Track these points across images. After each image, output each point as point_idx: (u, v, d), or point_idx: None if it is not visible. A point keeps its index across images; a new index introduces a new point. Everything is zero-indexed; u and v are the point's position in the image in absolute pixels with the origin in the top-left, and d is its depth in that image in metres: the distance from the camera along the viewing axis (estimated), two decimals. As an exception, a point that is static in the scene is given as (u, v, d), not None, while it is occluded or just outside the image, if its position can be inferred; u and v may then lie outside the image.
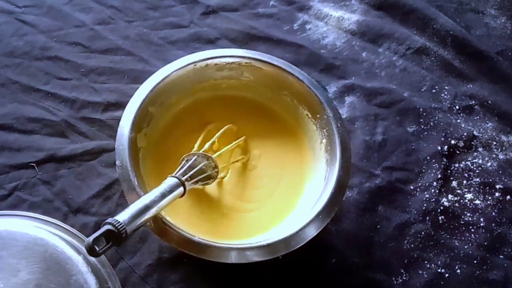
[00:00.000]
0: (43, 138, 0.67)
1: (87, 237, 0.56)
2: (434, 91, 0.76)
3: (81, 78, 0.72)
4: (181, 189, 0.52)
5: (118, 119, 0.58)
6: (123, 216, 0.45)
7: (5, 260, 0.52)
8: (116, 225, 0.43)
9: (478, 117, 0.74)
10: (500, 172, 0.70)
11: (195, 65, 0.62)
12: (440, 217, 0.66)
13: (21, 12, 0.78)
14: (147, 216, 0.47)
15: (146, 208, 0.47)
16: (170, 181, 0.51)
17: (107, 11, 0.79)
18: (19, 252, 0.53)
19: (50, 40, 0.75)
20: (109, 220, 0.44)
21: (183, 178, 0.52)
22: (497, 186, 0.69)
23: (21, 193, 0.62)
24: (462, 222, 0.66)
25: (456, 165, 0.70)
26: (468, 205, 0.67)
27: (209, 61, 0.63)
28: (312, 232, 0.53)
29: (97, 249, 0.42)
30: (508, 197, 0.68)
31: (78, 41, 0.75)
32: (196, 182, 0.55)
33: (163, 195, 0.49)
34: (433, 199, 0.67)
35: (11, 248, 0.53)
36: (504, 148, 0.72)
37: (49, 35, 0.76)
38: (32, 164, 0.64)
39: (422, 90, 0.76)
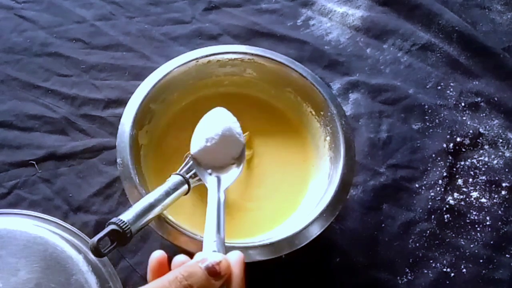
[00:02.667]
0: (43, 136, 0.66)
1: (88, 235, 0.57)
2: (439, 88, 0.75)
3: (81, 75, 0.72)
4: (186, 186, 0.51)
5: (119, 116, 0.57)
6: (127, 216, 0.44)
7: (5, 259, 0.52)
8: (121, 225, 0.43)
9: (484, 114, 0.74)
10: (507, 170, 0.69)
11: (197, 61, 0.62)
12: (445, 216, 0.65)
13: (20, 8, 0.77)
14: (151, 215, 0.47)
15: (151, 206, 0.47)
16: (174, 178, 0.51)
17: (108, 7, 0.78)
18: (18, 251, 0.53)
19: (50, 36, 0.74)
20: (114, 219, 0.43)
21: (187, 176, 0.52)
22: (504, 184, 0.68)
23: (21, 191, 0.62)
24: (468, 221, 0.65)
25: (462, 163, 0.69)
26: (474, 203, 0.66)
27: (211, 58, 0.62)
28: (315, 231, 0.53)
29: (102, 249, 0.42)
30: (515, 195, 0.67)
31: (78, 37, 0.75)
32: (201, 179, 0.55)
33: (168, 193, 0.49)
34: (439, 198, 0.66)
35: (10, 247, 0.53)
36: (510, 145, 0.71)
37: (49, 31, 0.75)
38: (32, 162, 0.64)
39: (428, 87, 0.75)
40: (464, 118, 0.73)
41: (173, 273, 0.36)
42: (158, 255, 0.40)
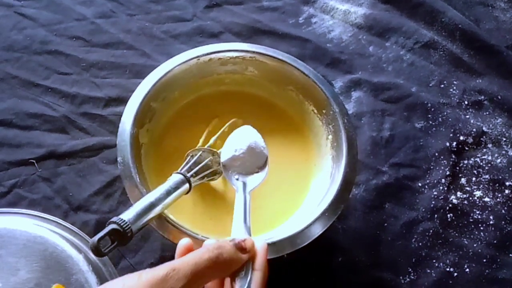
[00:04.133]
0: (43, 134, 0.66)
1: (88, 235, 0.57)
2: (442, 86, 0.75)
3: (81, 73, 0.71)
4: (187, 185, 0.51)
5: (119, 115, 0.57)
6: (128, 215, 0.44)
7: (4, 259, 0.52)
8: (121, 224, 0.42)
9: (487, 113, 0.73)
10: (510, 168, 0.69)
11: (198, 59, 0.61)
12: (448, 215, 0.65)
13: (20, 6, 0.77)
14: (152, 214, 0.46)
15: (151, 206, 0.46)
16: (175, 177, 0.51)
17: (108, 4, 0.78)
18: (18, 250, 0.52)
19: (50, 34, 0.74)
20: (114, 219, 0.43)
21: (189, 175, 0.52)
22: (507, 183, 0.68)
23: (21, 190, 0.61)
24: (471, 220, 0.65)
25: (465, 161, 0.69)
26: (477, 202, 0.66)
27: (212, 56, 0.62)
28: (318, 230, 0.52)
29: (102, 249, 0.41)
30: (518, 194, 0.67)
31: (78, 35, 0.75)
32: (202, 178, 0.55)
33: (168, 192, 0.49)
34: (442, 197, 0.66)
35: (10, 247, 0.52)
36: (514, 144, 0.71)
37: (49, 28, 0.75)
38: (32, 160, 0.63)
39: (430, 85, 0.75)
40: (467, 116, 0.73)
41: (204, 246, 0.41)
42: (186, 242, 0.43)
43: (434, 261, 0.62)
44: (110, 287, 0.34)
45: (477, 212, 0.65)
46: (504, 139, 0.71)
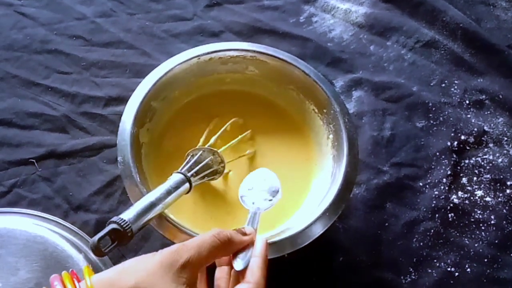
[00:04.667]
0: (43, 134, 0.66)
1: (88, 234, 0.57)
2: (443, 85, 0.75)
3: (82, 72, 0.71)
4: (187, 185, 0.51)
5: (120, 114, 0.57)
6: (128, 215, 0.44)
7: (4, 259, 0.52)
8: (122, 224, 0.42)
9: (488, 112, 0.73)
10: (511, 168, 0.68)
11: (199, 58, 0.61)
12: (449, 215, 0.65)
13: (20, 5, 0.77)
14: (152, 214, 0.46)
15: (152, 205, 0.46)
16: (175, 177, 0.50)
17: (108, 4, 0.78)
18: (18, 250, 0.52)
19: (50, 33, 0.74)
20: (114, 218, 0.43)
21: (189, 174, 0.51)
22: (508, 183, 0.67)
23: (21, 190, 0.61)
24: (472, 220, 0.65)
25: (466, 161, 0.69)
26: (479, 202, 0.66)
27: (213, 55, 0.62)
28: (318, 230, 0.52)
29: (103, 249, 0.41)
30: (520, 194, 0.67)
31: (79, 34, 0.74)
32: (202, 177, 0.54)
33: (169, 192, 0.48)
34: (443, 196, 0.66)
35: (10, 247, 0.52)
36: (515, 144, 0.71)
37: (49, 28, 0.75)
38: (32, 160, 0.63)
39: (432, 84, 0.75)
40: (469, 116, 0.72)
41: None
42: None
43: (435, 261, 0.62)
44: (132, 263, 0.38)
45: (478, 212, 0.65)
46: (506, 138, 0.71)
